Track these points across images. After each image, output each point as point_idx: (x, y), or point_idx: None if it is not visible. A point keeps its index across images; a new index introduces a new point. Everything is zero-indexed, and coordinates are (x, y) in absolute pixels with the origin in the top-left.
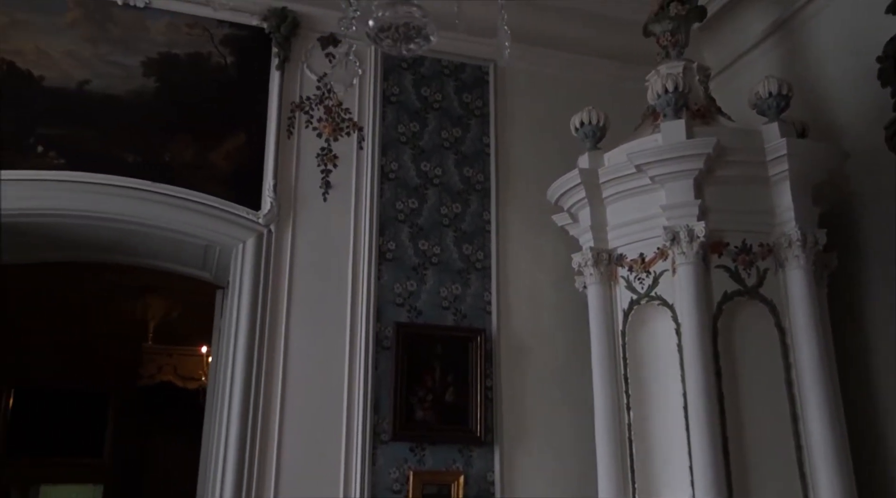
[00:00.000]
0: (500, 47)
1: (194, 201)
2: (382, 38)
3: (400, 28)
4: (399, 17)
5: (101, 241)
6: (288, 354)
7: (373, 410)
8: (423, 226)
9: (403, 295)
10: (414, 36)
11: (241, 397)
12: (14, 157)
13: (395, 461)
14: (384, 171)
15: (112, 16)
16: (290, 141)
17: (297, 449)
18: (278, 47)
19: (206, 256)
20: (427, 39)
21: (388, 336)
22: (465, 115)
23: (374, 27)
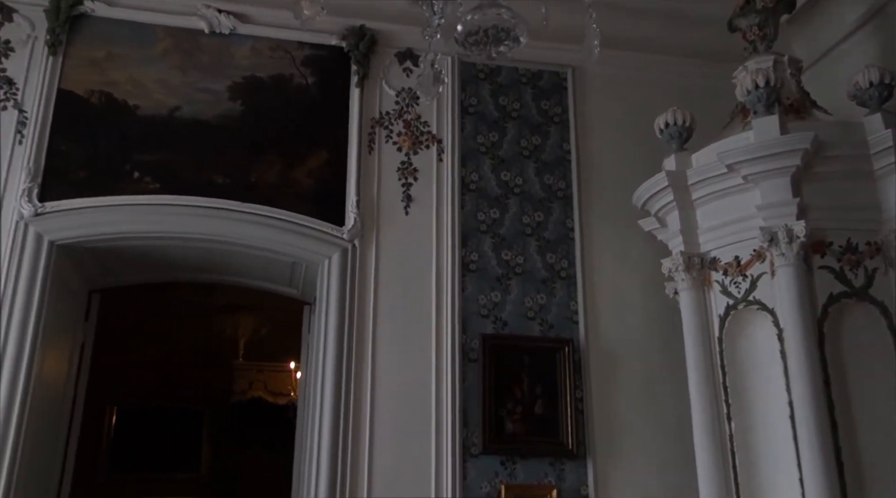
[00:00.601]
0: (590, 47)
1: (280, 219)
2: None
3: (489, 31)
4: (488, 19)
5: (194, 262)
6: (376, 367)
7: (462, 423)
8: (505, 236)
9: (488, 306)
10: (503, 38)
11: (332, 412)
12: (113, 184)
13: (486, 475)
14: (464, 183)
15: (199, 44)
16: (370, 156)
17: (388, 463)
18: (357, 65)
19: (293, 272)
20: (517, 41)
21: (474, 348)
22: (544, 123)
23: (463, 31)
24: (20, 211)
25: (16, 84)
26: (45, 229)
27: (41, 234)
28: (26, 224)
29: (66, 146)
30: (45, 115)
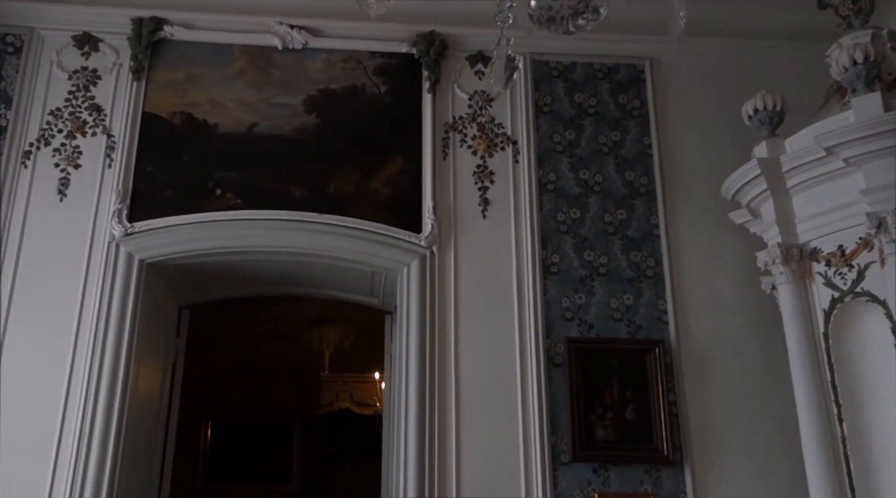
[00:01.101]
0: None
1: (358, 229)
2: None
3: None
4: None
5: (276, 275)
6: (459, 375)
7: (550, 429)
8: (586, 236)
9: (572, 309)
10: (582, 10)
11: (416, 421)
12: (196, 202)
13: (577, 483)
14: (542, 183)
15: (273, 60)
16: (445, 161)
17: (476, 471)
18: (428, 70)
19: (373, 282)
20: (596, 12)
21: (559, 352)
22: (622, 118)
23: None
24: (111, 232)
25: (104, 110)
26: (135, 248)
27: (132, 254)
28: (117, 244)
29: (152, 167)
30: (131, 138)
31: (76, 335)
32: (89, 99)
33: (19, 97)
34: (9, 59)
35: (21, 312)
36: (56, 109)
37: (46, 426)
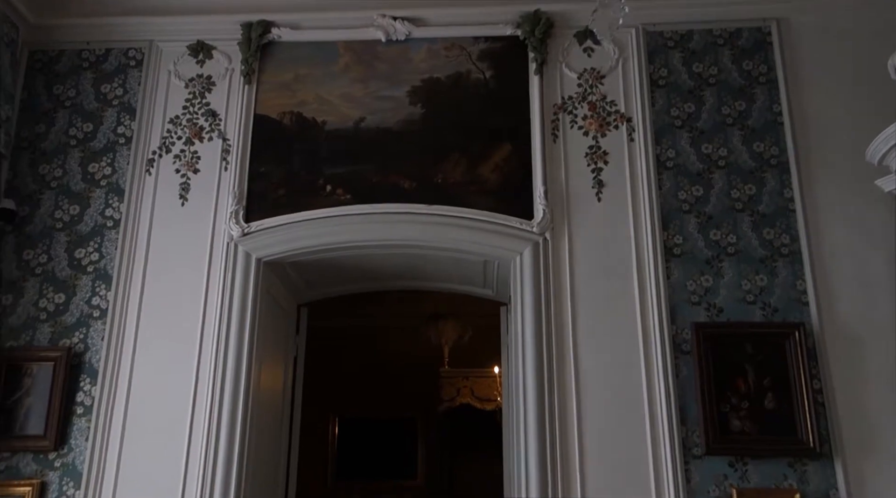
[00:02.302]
0: None
1: (468, 218)
2: None
3: None
4: None
5: (389, 269)
6: (579, 365)
7: (679, 421)
8: (712, 214)
9: (699, 292)
10: None
11: (536, 415)
12: (308, 199)
13: (712, 478)
14: (660, 161)
15: (378, 54)
16: (556, 144)
17: (601, 466)
18: (534, 51)
19: (486, 272)
20: None
21: (686, 339)
22: (747, 85)
23: None
24: (230, 233)
25: (218, 115)
26: (252, 248)
27: (249, 253)
28: (236, 244)
29: (265, 168)
30: (244, 140)
31: (201, 335)
32: (205, 105)
33: (142, 108)
34: (131, 72)
35: (150, 314)
36: (175, 117)
37: (177, 423)
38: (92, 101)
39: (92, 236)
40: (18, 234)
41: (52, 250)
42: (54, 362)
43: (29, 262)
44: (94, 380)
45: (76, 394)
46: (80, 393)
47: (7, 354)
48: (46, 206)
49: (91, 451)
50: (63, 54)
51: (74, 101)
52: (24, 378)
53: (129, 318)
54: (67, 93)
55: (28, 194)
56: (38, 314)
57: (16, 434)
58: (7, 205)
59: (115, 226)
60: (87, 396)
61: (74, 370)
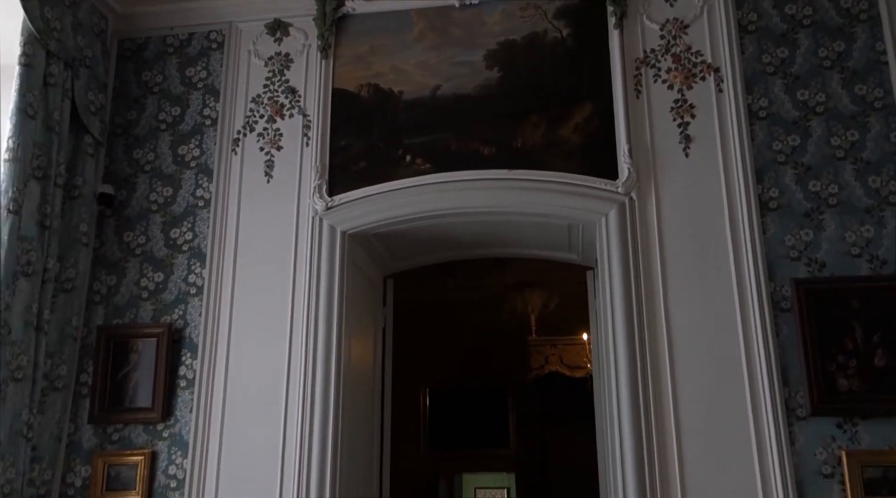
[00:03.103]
0: None
1: (549, 182)
2: None
3: None
4: None
5: (472, 237)
6: (671, 327)
7: (781, 382)
8: (810, 164)
9: (798, 247)
10: None
11: (628, 380)
12: (389, 170)
13: (819, 440)
14: (752, 111)
15: (452, 19)
16: (639, 100)
17: (699, 429)
18: (613, 4)
19: (570, 236)
20: None
21: (785, 297)
22: (846, 24)
23: None
24: (314, 207)
25: (298, 92)
26: (337, 221)
27: (334, 227)
28: (320, 219)
29: (346, 141)
30: (324, 115)
31: (291, 309)
32: (284, 82)
33: (225, 89)
34: (213, 54)
35: (243, 289)
36: (257, 96)
37: (273, 395)
38: (178, 85)
39: (185, 216)
40: (118, 218)
41: (149, 231)
42: (157, 338)
43: (129, 243)
44: (194, 354)
45: (179, 368)
46: (183, 367)
47: (114, 332)
48: (142, 190)
49: (195, 422)
50: (149, 41)
51: (162, 87)
52: (131, 354)
53: (224, 294)
54: (155, 79)
55: (124, 178)
56: (140, 293)
57: (126, 407)
58: (106, 190)
59: (206, 205)
60: (189, 370)
61: (176, 345)
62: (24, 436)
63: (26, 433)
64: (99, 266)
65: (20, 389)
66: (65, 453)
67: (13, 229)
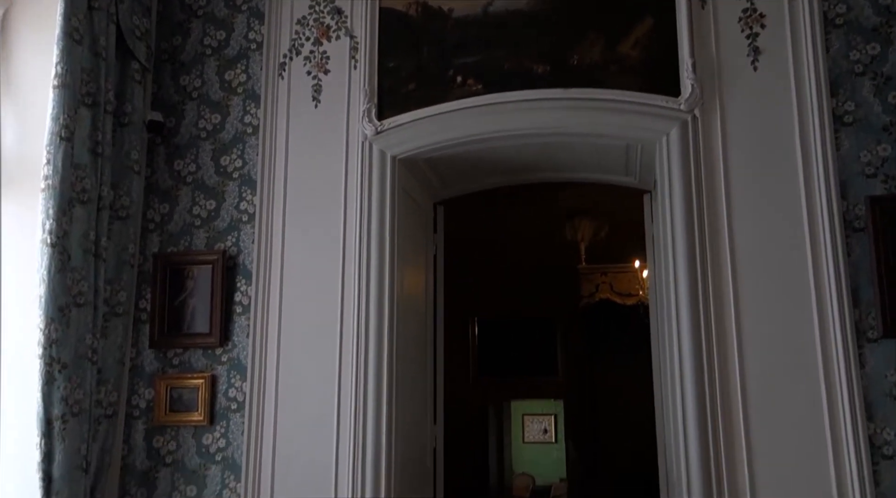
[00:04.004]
0: None
1: (607, 100)
2: None
3: None
4: None
5: (525, 161)
6: (735, 250)
7: (851, 303)
8: (891, 75)
9: (874, 163)
10: None
11: (689, 307)
12: (439, 92)
13: (890, 362)
14: (827, 18)
15: None
16: (704, 10)
17: (763, 356)
18: None
19: (628, 157)
20: None
21: (859, 215)
22: None
23: None
24: (363, 132)
25: (344, 12)
26: (386, 146)
27: (384, 151)
28: (370, 144)
29: (394, 62)
30: (371, 36)
31: (343, 235)
32: (330, 2)
33: (269, 11)
34: None
35: (294, 216)
36: (302, 18)
37: (328, 320)
38: (222, 8)
39: (234, 144)
40: (168, 145)
41: (200, 159)
42: (211, 265)
43: (180, 171)
44: (248, 281)
45: (234, 294)
46: (238, 293)
47: (169, 259)
48: (190, 117)
49: (252, 347)
50: None
51: (206, 10)
52: (187, 281)
53: (276, 221)
54: (198, 2)
55: (172, 106)
56: (193, 221)
57: (185, 332)
58: (155, 117)
59: (255, 132)
60: (245, 296)
61: (230, 272)
62: (89, 359)
63: (91, 357)
64: (151, 194)
65: (83, 314)
66: (128, 376)
67: (66, 156)
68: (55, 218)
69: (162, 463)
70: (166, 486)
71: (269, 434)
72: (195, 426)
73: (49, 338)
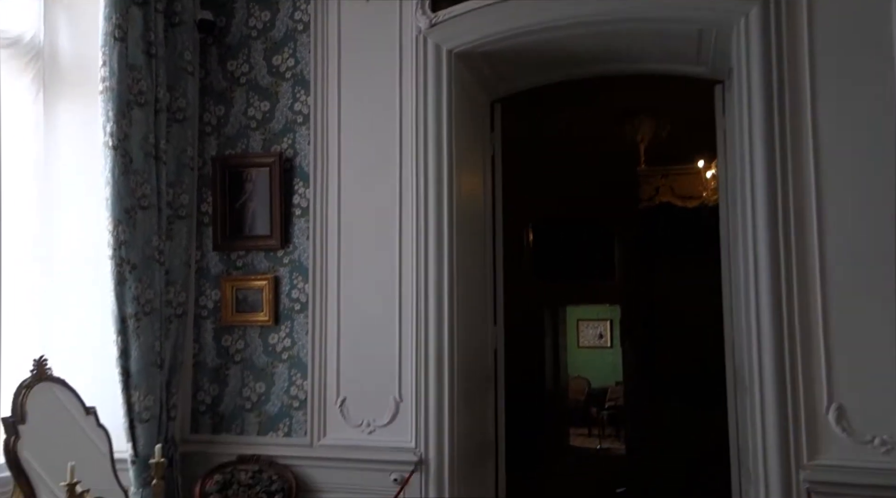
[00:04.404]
0: None
1: None
2: None
3: None
4: None
5: (586, 52)
6: (820, 148)
7: None
8: None
9: None
10: None
11: (767, 208)
12: None
13: None
14: None
15: None
16: None
17: (845, 260)
18: None
19: (701, 43)
20: None
21: None
22: None
23: None
24: (417, 25)
25: None
26: (442, 39)
27: (439, 45)
28: (424, 37)
29: None
30: None
31: (399, 135)
32: None
33: None
34: None
35: (349, 116)
36: None
37: (387, 221)
38: None
39: (286, 42)
40: (220, 46)
41: (252, 59)
42: (269, 167)
43: (233, 72)
44: (306, 183)
45: (293, 196)
46: (296, 196)
47: (227, 161)
48: (240, 15)
49: (313, 248)
50: None
51: None
52: (246, 183)
53: (330, 122)
54: None
55: (222, 4)
56: (249, 122)
57: (247, 235)
58: (205, 16)
59: (305, 29)
60: (303, 199)
61: (288, 174)
62: (156, 260)
63: (158, 258)
64: (206, 96)
65: (148, 216)
66: (195, 278)
67: (121, 57)
68: (115, 120)
69: (231, 361)
70: (236, 382)
71: (333, 334)
72: (261, 326)
73: (118, 239)
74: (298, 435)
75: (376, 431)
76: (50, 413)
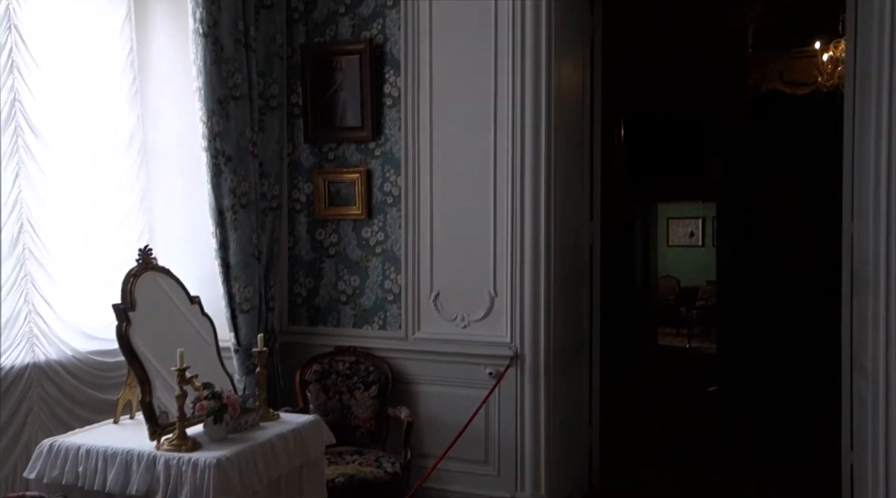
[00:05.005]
0: None
1: None
2: None
3: None
4: None
5: None
6: None
7: None
8: None
9: None
10: None
11: None
12: None
13: None
14: None
15: None
16: None
17: None
18: None
19: None
20: None
21: None
22: None
23: None
24: None
25: None
26: None
27: None
28: None
29: None
30: None
31: (495, 24)
32: None
33: None
34: None
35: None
36: None
37: (482, 114)
38: None
39: None
40: None
41: None
42: (359, 55)
43: None
44: (396, 71)
45: (384, 86)
46: (387, 85)
47: (316, 50)
48: None
49: (405, 140)
50: None
51: None
52: (335, 72)
53: (422, 4)
54: None
55: None
56: (337, 8)
57: (337, 126)
58: None
59: None
60: (394, 88)
61: (378, 62)
62: (250, 152)
63: (252, 150)
64: None
65: (241, 106)
66: (287, 171)
67: None
68: (204, 6)
69: (326, 254)
70: (331, 276)
71: (426, 228)
72: (354, 220)
73: (212, 130)
74: (393, 328)
75: (471, 325)
76: (156, 302)
